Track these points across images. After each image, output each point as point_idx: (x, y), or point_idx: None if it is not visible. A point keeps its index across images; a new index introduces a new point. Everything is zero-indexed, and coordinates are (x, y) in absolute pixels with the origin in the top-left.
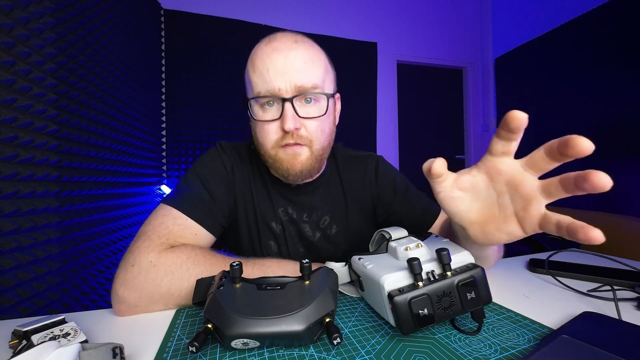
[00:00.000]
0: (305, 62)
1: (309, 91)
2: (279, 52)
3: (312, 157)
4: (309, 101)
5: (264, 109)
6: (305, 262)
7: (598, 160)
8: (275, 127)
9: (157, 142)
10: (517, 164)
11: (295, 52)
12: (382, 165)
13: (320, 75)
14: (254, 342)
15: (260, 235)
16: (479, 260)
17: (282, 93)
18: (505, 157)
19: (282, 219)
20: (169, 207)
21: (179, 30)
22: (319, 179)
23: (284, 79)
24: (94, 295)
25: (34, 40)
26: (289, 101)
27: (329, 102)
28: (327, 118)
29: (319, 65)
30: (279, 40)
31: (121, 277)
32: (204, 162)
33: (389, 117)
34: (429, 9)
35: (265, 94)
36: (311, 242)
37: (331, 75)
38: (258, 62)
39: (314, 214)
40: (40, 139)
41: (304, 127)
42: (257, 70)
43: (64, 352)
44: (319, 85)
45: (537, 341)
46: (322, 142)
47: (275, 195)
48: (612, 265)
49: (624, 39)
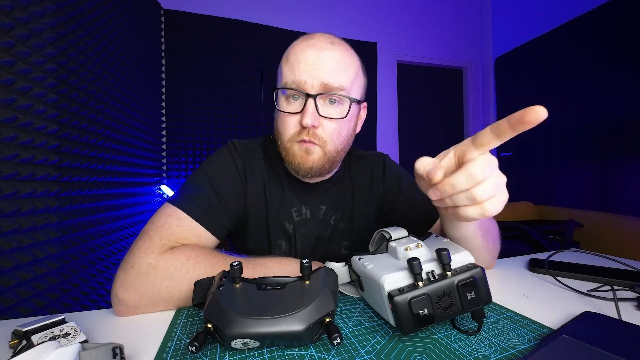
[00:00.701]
0: (337, 63)
1: (334, 91)
2: (314, 48)
3: (324, 158)
4: (332, 102)
5: (288, 101)
6: (305, 262)
7: (598, 160)
8: (295, 120)
9: (157, 142)
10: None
11: (329, 51)
12: (389, 163)
13: (349, 79)
14: (254, 342)
15: (271, 234)
16: (468, 239)
17: (307, 87)
18: (483, 149)
19: (295, 218)
20: (174, 208)
21: (179, 30)
22: (333, 178)
23: (313, 74)
24: (94, 295)
25: (34, 40)
26: (313, 97)
27: (352, 107)
28: (346, 122)
29: (350, 69)
30: (317, 38)
31: (121, 278)
32: (214, 162)
33: (389, 117)
34: (429, 9)
35: (291, 85)
36: (321, 239)
37: (361, 82)
38: (292, 55)
39: (326, 212)
40: (40, 139)
41: (321, 127)
42: (289, 63)
43: (64, 352)
44: (346, 88)
45: (537, 341)
46: (336, 145)
47: (289, 194)
48: (612, 265)
49: (624, 39)
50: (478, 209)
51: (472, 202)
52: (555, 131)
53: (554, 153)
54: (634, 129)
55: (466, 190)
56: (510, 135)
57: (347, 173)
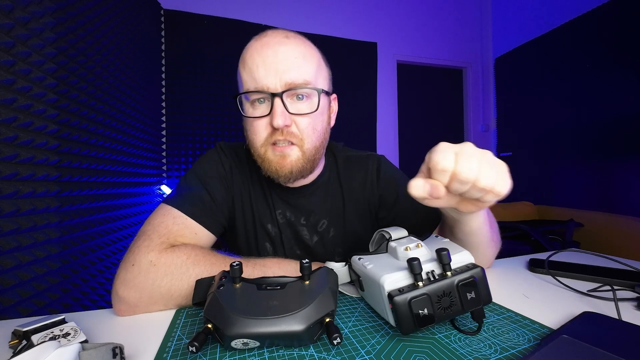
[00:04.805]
0: (295, 57)
1: (300, 87)
2: (268, 47)
3: (303, 158)
4: (300, 98)
5: (254, 106)
6: (305, 262)
7: (598, 160)
8: (264, 123)
9: (157, 142)
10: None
11: (285, 47)
12: (384, 165)
13: (312, 71)
14: (254, 342)
15: (257, 236)
16: (473, 235)
17: (271, 89)
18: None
19: (280, 221)
20: (168, 207)
21: (179, 30)
22: (318, 180)
23: (274, 74)
24: (94, 295)
25: (34, 40)
26: (279, 97)
27: (321, 99)
28: (319, 115)
29: (311, 61)
30: (269, 35)
31: (121, 276)
32: (203, 163)
33: (389, 117)
34: (429, 9)
35: (254, 89)
36: (308, 245)
37: (325, 73)
38: (248, 58)
39: (312, 217)
40: (40, 139)
41: (294, 124)
42: (247, 67)
43: (64, 352)
44: (311, 81)
45: (537, 341)
46: (313, 140)
47: (273, 197)
48: (612, 265)
49: (624, 39)
50: (491, 194)
51: (485, 191)
52: (555, 131)
53: (554, 153)
54: (634, 129)
55: (473, 183)
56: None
57: (334, 175)
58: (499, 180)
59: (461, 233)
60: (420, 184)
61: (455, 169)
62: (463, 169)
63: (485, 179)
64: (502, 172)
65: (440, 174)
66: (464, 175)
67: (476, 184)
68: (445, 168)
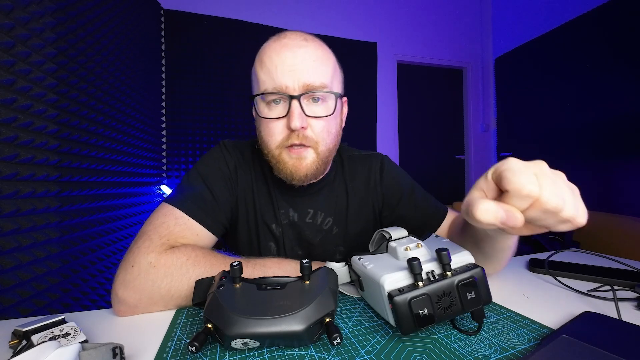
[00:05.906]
0: (314, 61)
1: (317, 90)
2: (288, 48)
3: (317, 160)
4: (316, 100)
5: (270, 106)
6: (305, 262)
7: (598, 160)
8: (281, 125)
9: (157, 142)
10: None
11: (304, 49)
12: (388, 165)
13: (328, 75)
14: (254, 342)
15: (260, 235)
16: (504, 251)
17: (289, 90)
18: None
19: (283, 221)
20: (170, 207)
21: (179, 30)
22: (323, 180)
23: (292, 76)
24: (94, 295)
25: (34, 40)
26: (297, 99)
27: (337, 103)
28: (334, 119)
29: (328, 64)
30: (289, 37)
31: (121, 277)
32: (206, 161)
33: (389, 117)
34: (429, 9)
35: (272, 90)
36: (311, 244)
37: (339, 77)
38: (266, 59)
39: (317, 216)
40: (40, 139)
41: (310, 127)
42: (265, 67)
43: (64, 352)
44: (328, 84)
45: (537, 341)
46: (327, 143)
47: (277, 196)
48: (612, 265)
49: (624, 39)
50: (569, 224)
51: (564, 221)
52: (555, 131)
53: (554, 153)
54: (634, 129)
55: (554, 215)
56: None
57: (339, 174)
58: (580, 209)
59: (492, 249)
60: (492, 209)
61: (541, 196)
62: (551, 197)
63: (570, 209)
64: (579, 199)
65: (522, 199)
66: (553, 204)
67: (559, 214)
68: (532, 194)
